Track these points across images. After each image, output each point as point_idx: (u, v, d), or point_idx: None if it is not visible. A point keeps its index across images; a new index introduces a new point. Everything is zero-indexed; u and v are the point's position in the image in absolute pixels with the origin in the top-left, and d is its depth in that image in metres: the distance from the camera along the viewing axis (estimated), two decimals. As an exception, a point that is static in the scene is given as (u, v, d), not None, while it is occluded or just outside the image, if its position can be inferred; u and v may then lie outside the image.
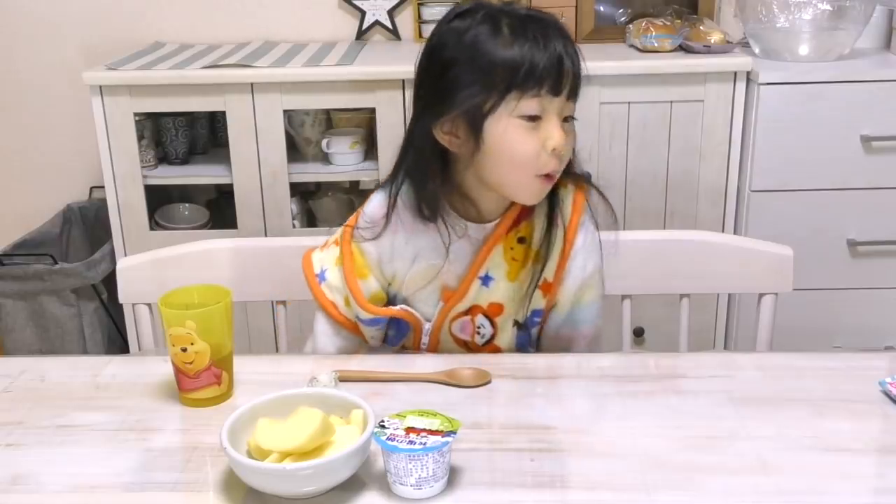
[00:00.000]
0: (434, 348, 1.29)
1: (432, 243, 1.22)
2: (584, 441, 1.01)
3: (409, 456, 0.90)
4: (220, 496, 0.93)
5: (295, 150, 2.36)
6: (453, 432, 0.93)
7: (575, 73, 1.13)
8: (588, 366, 1.20)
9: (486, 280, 1.23)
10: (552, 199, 1.22)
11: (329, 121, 2.41)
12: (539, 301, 1.26)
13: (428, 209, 1.20)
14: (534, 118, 1.12)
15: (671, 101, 2.17)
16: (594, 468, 0.96)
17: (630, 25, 2.32)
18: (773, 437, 1.01)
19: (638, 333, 2.31)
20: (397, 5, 2.53)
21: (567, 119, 1.16)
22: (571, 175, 1.24)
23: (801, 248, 1.46)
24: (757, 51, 2.26)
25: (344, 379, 1.14)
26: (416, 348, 1.30)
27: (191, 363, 1.08)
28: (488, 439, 1.02)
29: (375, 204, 1.25)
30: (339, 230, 1.29)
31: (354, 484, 0.93)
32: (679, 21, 2.28)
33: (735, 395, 1.10)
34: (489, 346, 1.28)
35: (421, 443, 0.90)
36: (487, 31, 1.12)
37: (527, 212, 1.23)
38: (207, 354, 1.08)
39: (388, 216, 1.23)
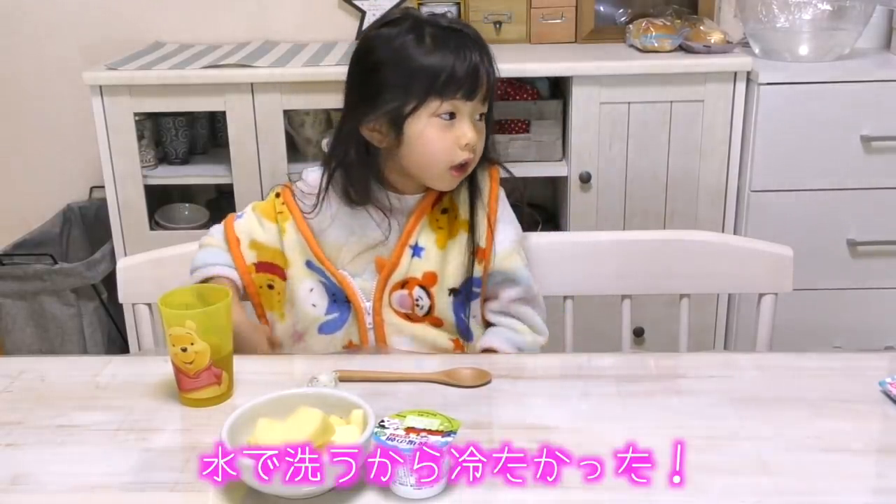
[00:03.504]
0: (380, 328, 1.32)
1: (363, 221, 1.32)
2: (584, 441, 1.01)
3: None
4: (220, 496, 0.93)
5: (295, 150, 2.36)
6: (453, 432, 0.93)
7: (488, 80, 1.26)
8: (588, 366, 1.20)
9: (417, 250, 1.31)
10: (470, 175, 1.32)
11: (329, 121, 2.41)
12: (476, 269, 1.32)
13: (356, 195, 1.30)
14: (450, 117, 1.24)
15: (671, 101, 2.17)
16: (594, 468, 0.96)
17: (630, 25, 2.32)
18: (773, 437, 1.01)
19: (638, 333, 2.31)
20: (397, 5, 2.53)
21: (480, 116, 1.29)
22: (486, 157, 1.35)
23: (801, 248, 1.46)
24: (757, 51, 2.26)
25: (344, 379, 1.14)
26: (363, 335, 1.32)
27: (191, 363, 1.08)
28: (488, 439, 1.02)
29: (315, 177, 1.34)
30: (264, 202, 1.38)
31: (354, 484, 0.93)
32: (679, 21, 2.29)
33: (735, 395, 1.10)
34: (429, 318, 1.32)
35: (421, 443, 0.90)
36: (412, 39, 1.24)
37: None
38: (207, 354, 1.08)
39: (319, 195, 1.32)
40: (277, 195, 1.37)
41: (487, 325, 1.39)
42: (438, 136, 1.24)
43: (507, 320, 1.37)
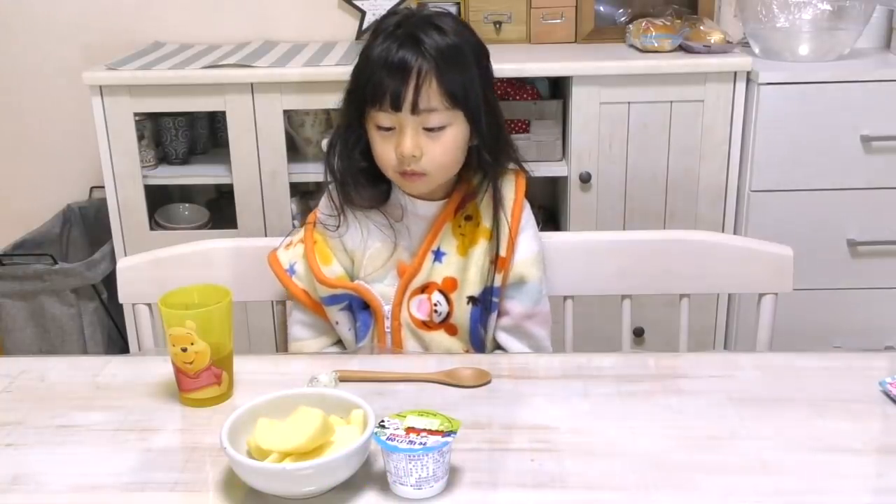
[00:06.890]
0: (397, 332, 1.32)
1: (384, 220, 1.32)
2: (584, 441, 1.01)
3: (409, 456, 0.90)
4: (220, 496, 0.93)
5: (295, 150, 2.36)
6: (453, 432, 0.93)
7: (417, 94, 1.18)
8: (588, 366, 1.20)
9: (438, 255, 1.31)
10: (495, 183, 1.31)
11: (329, 121, 2.41)
12: (496, 279, 1.31)
13: (360, 199, 1.30)
14: (387, 129, 1.22)
15: (671, 101, 2.17)
16: (594, 468, 0.96)
17: (630, 25, 2.32)
18: (773, 437, 1.01)
19: (638, 333, 2.31)
20: (397, 5, 2.53)
21: (439, 129, 1.22)
22: (513, 162, 1.35)
23: (801, 248, 1.46)
24: (757, 51, 2.26)
25: (344, 379, 1.15)
26: (381, 339, 1.32)
27: (191, 363, 1.08)
28: (488, 439, 1.02)
29: (325, 201, 1.35)
30: (300, 231, 1.37)
31: (354, 484, 0.93)
32: (679, 21, 2.29)
33: (735, 395, 1.10)
34: (445, 325, 1.32)
35: (421, 443, 0.90)
36: (373, 44, 1.22)
37: (472, 193, 1.32)
38: (207, 354, 1.08)
39: (340, 208, 1.32)
40: (302, 240, 1.37)
41: (496, 346, 1.37)
42: (380, 144, 1.24)
43: (518, 345, 1.35)
